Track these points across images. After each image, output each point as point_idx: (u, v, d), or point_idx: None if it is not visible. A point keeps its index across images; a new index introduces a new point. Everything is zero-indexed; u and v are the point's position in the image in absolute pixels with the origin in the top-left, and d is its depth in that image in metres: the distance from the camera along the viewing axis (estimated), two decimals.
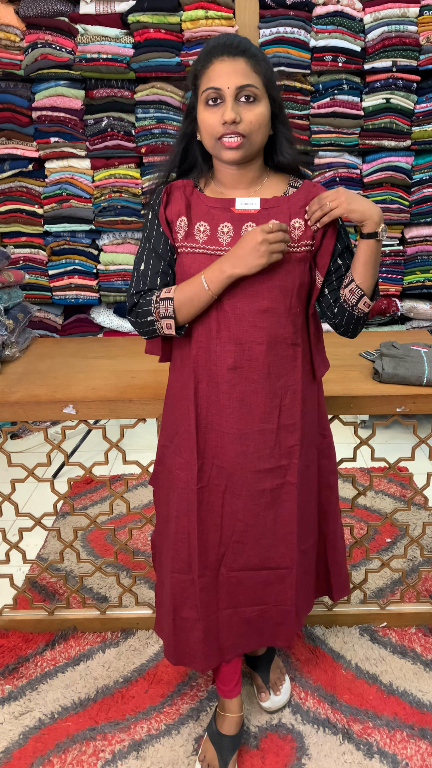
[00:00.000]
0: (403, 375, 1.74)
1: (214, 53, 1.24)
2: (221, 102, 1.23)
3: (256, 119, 1.24)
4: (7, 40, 2.83)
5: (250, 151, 1.27)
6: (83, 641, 1.98)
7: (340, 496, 2.68)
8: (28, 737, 1.69)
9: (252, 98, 1.23)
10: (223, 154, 1.26)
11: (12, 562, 2.00)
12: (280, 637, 1.54)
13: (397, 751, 1.63)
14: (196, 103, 1.29)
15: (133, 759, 1.62)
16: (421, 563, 2.24)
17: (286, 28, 2.80)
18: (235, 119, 1.21)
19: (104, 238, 3.15)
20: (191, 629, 1.48)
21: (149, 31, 2.81)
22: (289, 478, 1.41)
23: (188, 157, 1.36)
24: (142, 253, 1.38)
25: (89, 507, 2.67)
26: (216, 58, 1.23)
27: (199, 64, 1.27)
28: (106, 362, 1.95)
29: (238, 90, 1.22)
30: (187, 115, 1.33)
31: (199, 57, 1.28)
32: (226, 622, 1.49)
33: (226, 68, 1.22)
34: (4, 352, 1.97)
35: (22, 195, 3.09)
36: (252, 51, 1.25)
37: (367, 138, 2.96)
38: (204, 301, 1.29)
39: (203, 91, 1.24)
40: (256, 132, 1.25)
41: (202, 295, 1.28)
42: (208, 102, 1.24)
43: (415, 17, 2.78)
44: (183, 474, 1.42)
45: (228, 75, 1.22)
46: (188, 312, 1.31)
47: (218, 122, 1.23)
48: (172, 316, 1.31)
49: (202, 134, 1.29)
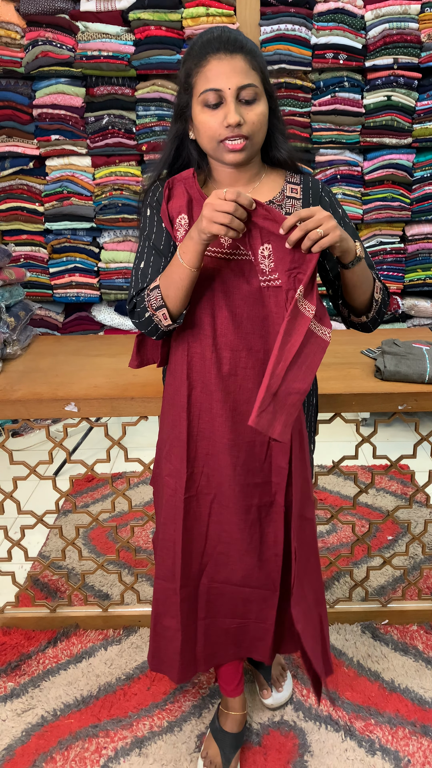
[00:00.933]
0: (404, 372, 1.74)
1: (208, 49, 1.18)
2: (221, 103, 1.18)
3: (258, 119, 1.20)
4: (8, 37, 2.82)
5: (252, 152, 1.24)
6: (85, 639, 1.99)
7: (342, 494, 2.70)
8: (30, 734, 1.69)
9: (252, 97, 1.18)
10: (225, 156, 1.22)
11: (14, 560, 2.01)
12: (258, 652, 1.51)
13: (399, 748, 1.63)
14: (189, 102, 1.23)
15: (136, 756, 1.63)
16: (423, 560, 2.25)
17: (287, 25, 2.79)
18: (239, 122, 1.17)
19: (105, 235, 3.15)
20: (171, 639, 1.46)
21: (150, 29, 2.80)
22: (278, 498, 1.36)
23: (181, 156, 1.32)
24: (141, 252, 1.34)
25: (91, 505, 2.67)
26: (212, 56, 1.17)
27: (193, 62, 1.20)
28: (107, 360, 1.95)
29: (239, 90, 1.17)
30: (179, 115, 1.27)
31: (192, 53, 1.21)
32: (204, 632, 1.47)
33: (224, 67, 1.16)
34: (6, 350, 1.97)
35: (22, 193, 3.08)
36: (249, 46, 1.19)
37: (368, 135, 2.96)
38: (185, 278, 1.19)
39: (201, 93, 1.18)
40: (258, 132, 1.22)
41: (180, 271, 1.19)
42: (206, 103, 1.19)
43: (417, 14, 2.78)
44: (171, 481, 1.39)
45: (227, 75, 1.16)
46: (176, 296, 1.22)
47: (220, 125, 1.18)
48: (164, 304, 1.23)
49: (201, 137, 1.23)
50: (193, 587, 1.44)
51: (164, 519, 1.42)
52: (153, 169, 1.36)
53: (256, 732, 1.68)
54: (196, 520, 1.39)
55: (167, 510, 1.41)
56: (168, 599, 1.45)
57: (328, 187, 1.37)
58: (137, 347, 1.41)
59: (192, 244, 1.16)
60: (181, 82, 1.24)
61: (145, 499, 2.68)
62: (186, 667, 1.48)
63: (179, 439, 1.36)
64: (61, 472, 2.87)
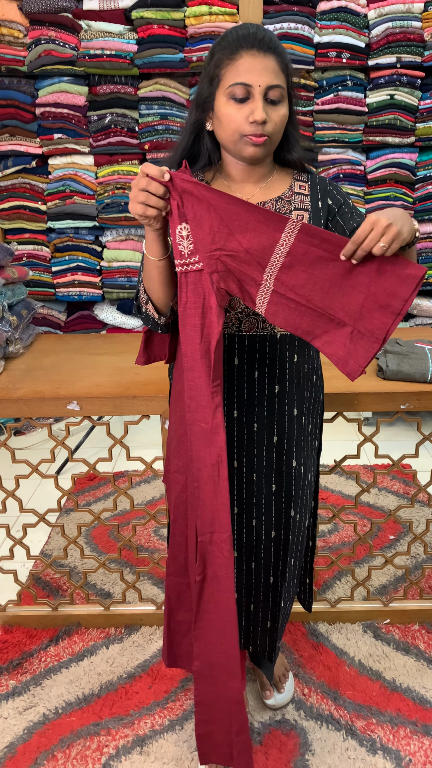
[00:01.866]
0: (407, 372, 1.74)
1: (243, 44, 1.17)
2: (247, 99, 1.18)
3: (281, 120, 1.22)
4: (11, 36, 2.83)
5: (269, 151, 1.26)
6: (87, 637, 1.99)
7: (344, 494, 2.70)
8: (32, 732, 1.69)
9: (278, 98, 1.20)
10: (245, 149, 1.22)
11: (16, 558, 2.01)
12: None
13: (400, 747, 1.63)
14: (214, 93, 1.21)
15: (137, 754, 1.63)
16: (425, 560, 2.24)
17: (290, 24, 2.79)
18: (265, 119, 1.18)
19: (107, 234, 3.15)
20: (185, 632, 1.48)
21: (153, 27, 2.80)
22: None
23: (197, 147, 1.30)
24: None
25: (93, 503, 2.67)
26: (245, 51, 1.17)
27: (224, 53, 1.19)
28: (109, 359, 1.95)
29: (268, 89, 1.18)
30: (199, 105, 1.25)
31: (223, 44, 1.20)
32: None
33: (257, 64, 1.16)
34: (8, 349, 1.97)
35: (25, 191, 3.08)
36: (281, 49, 1.20)
37: (371, 134, 2.95)
38: (153, 270, 1.19)
39: (230, 85, 1.18)
40: (278, 132, 1.23)
41: (148, 264, 1.20)
42: (234, 96, 1.18)
43: (420, 13, 2.77)
44: (181, 477, 1.39)
45: (259, 72, 1.16)
46: (153, 288, 1.22)
47: (244, 120, 1.18)
48: (149, 298, 1.24)
49: (224, 129, 1.22)
50: None
51: (174, 516, 1.43)
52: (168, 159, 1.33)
53: (258, 731, 1.68)
54: None
55: (176, 506, 1.42)
56: (181, 594, 1.46)
57: (335, 183, 1.37)
58: (144, 344, 1.41)
59: (147, 234, 1.15)
60: (209, 71, 1.23)
61: (147, 498, 2.69)
62: None
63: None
64: (63, 470, 2.87)
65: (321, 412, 1.54)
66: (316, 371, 1.46)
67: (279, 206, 1.29)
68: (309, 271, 1.14)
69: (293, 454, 1.41)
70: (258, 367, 1.35)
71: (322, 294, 1.14)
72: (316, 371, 1.46)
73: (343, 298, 1.14)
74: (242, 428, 1.38)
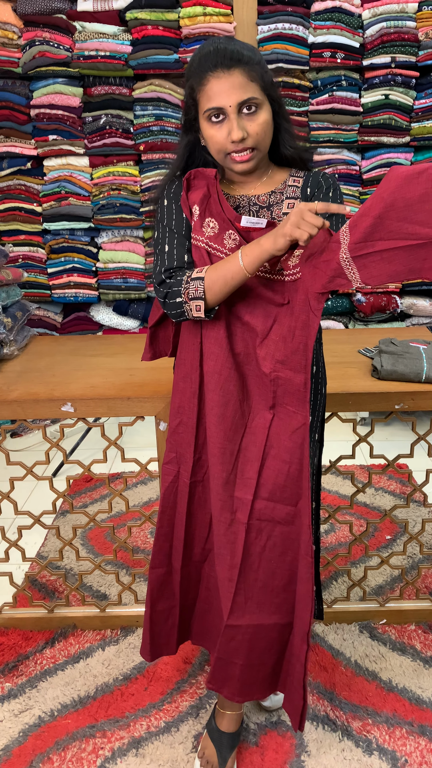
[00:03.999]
0: (402, 372, 1.74)
1: (206, 67, 1.22)
2: (224, 118, 1.24)
3: (262, 129, 1.25)
4: (5, 37, 2.82)
5: (260, 158, 1.30)
6: (83, 639, 1.98)
7: (340, 494, 2.70)
8: (27, 735, 1.69)
9: (254, 108, 1.24)
10: (234, 167, 1.30)
11: (11, 560, 2.01)
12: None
13: (396, 747, 1.63)
14: (197, 116, 1.29)
15: (133, 756, 1.62)
16: (421, 560, 2.24)
17: (285, 24, 2.79)
18: (243, 137, 1.23)
19: (103, 235, 3.15)
20: (167, 617, 1.52)
21: (147, 28, 2.80)
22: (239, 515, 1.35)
23: (194, 161, 1.36)
24: (162, 237, 1.33)
25: (88, 505, 2.67)
26: (210, 74, 1.22)
27: (194, 80, 1.25)
28: (104, 360, 1.95)
29: (240, 105, 1.23)
30: (188, 128, 1.33)
31: (192, 69, 1.26)
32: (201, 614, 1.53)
33: (223, 85, 1.21)
34: (3, 351, 1.96)
35: (20, 193, 3.08)
36: (245, 57, 1.22)
37: (366, 134, 2.96)
38: (237, 280, 1.23)
39: (205, 111, 1.25)
40: (263, 140, 1.27)
41: (236, 271, 1.22)
42: (211, 119, 1.25)
43: (414, 13, 2.77)
44: (172, 467, 1.42)
45: (227, 92, 1.21)
46: (219, 291, 1.24)
47: (225, 139, 1.25)
48: (202, 296, 1.24)
49: (210, 149, 1.30)
50: (194, 570, 1.47)
51: (163, 506, 1.44)
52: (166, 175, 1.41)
53: (253, 732, 1.68)
54: (201, 506, 1.42)
55: (166, 496, 1.44)
56: (163, 584, 1.49)
57: (331, 176, 1.38)
58: (150, 339, 1.45)
59: (259, 251, 1.19)
60: (187, 98, 1.30)
61: (143, 500, 2.68)
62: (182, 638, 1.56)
63: (187, 425, 1.38)
64: (59, 472, 2.87)
65: (323, 406, 1.52)
66: (318, 362, 1.45)
67: (273, 199, 1.34)
68: (371, 215, 1.10)
69: None
70: None
71: (398, 221, 1.09)
72: (318, 362, 1.45)
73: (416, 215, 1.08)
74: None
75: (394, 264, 1.13)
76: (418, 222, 1.08)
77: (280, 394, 1.31)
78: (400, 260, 1.12)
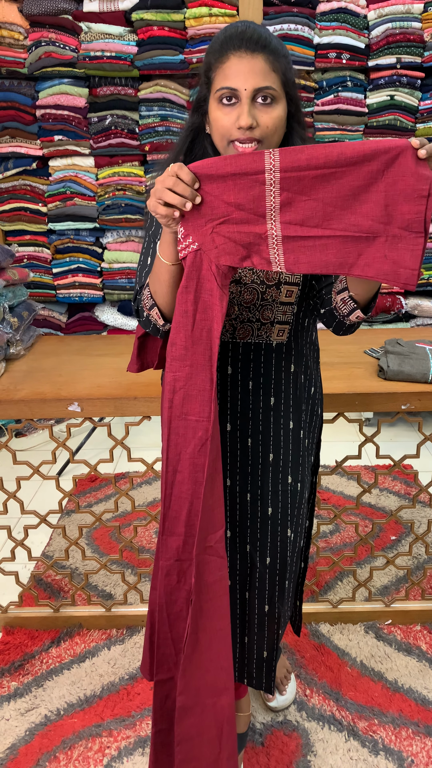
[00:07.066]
0: (408, 372, 1.74)
1: (230, 45, 1.12)
2: (236, 102, 1.13)
3: (273, 123, 1.14)
4: (11, 38, 2.83)
5: None
6: (89, 638, 1.99)
7: (346, 494, 2.70)
8: (34, 734, 1.69)
9: (269, 99, 1.13)
10: None
11: (17, 560, 2.01)
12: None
13: (402, 748, 1.63)
14: (207, 96, 1.18)
15: (139, 755, 1.63)
16: (426, 561, 2.24)
17: (290, 25, 2.79)
18: (251, 125, 1.11)
19: (108, 236, 3.16)
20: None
21: (153, 29, 2.80)
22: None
23: (194, 150, 1.27)
24: (147, 249, 1.30)
25: (94, 504, 2.67)
26: (233, 53, 1.11)
27: (214, 56, 1.14)
28: (110, 360, 1.95)
29: (256, 92, 1.11)
30: (197, 108, 1.22)
31: (213, 46, 1.15)
32: None
33: (243, 66, 1.11)
34: (9, 350, 1.97)
35: (26, 193, 3.09)
36: (272, 45, 1.13)
37: (372, 135, 2.96)
38: (165, 274, 1.13)
39: (218, 89, 1.13)
40: (271, 135, 1.15)
41: (160, 267, 1.14)
42: (221, 100, 1.13)
43: (420, 14, 2.77)
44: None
45: (245, 75, 1.10)
46: (162, 293, 1.16)
47: (232, 124, 1.13)
48: (154, 303, 1.18)
49: (213, 133, 1.18)
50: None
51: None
52: (164, 162, 1.29)
53: (260, 732, 1.68)
54: None
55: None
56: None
57: None
58: (137, 350, 1.37)
59: (164, 236, 1.11)
60: (202, 75, 1.20)
61: (148, 499, 2.68)
62: None
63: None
64: (65, 472, 2.87)
65: (319, 427, 1.46)
66: (315, 383, 1.40)
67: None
68: (312, 196, 1.01)
69: (289, 470, 1.34)
70: (252, 377, 1.29)
71: (339, 212, 1.01)
72: (315, 383, 1.40)
73: (362, 206, 1.00)
74: (235, 443, 1.32)
75: (327, 254, 1.03)
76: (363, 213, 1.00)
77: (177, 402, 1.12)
78: (334, 251, 1.03)
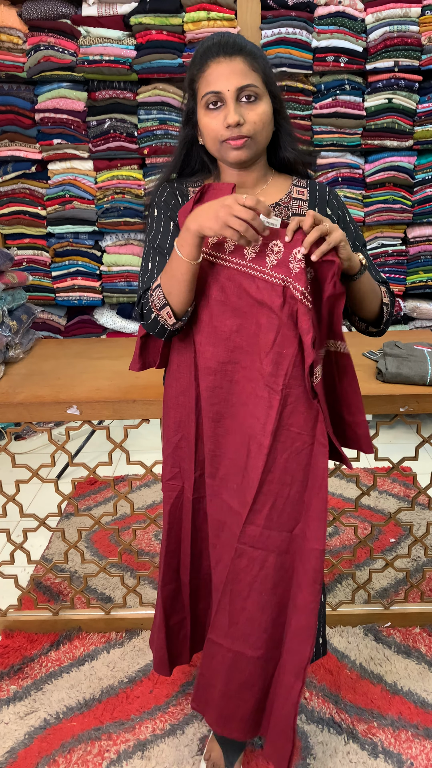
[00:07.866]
0: (406, 374, 1.75)
1: (209, 55, 1.20)
2: (222, 105, 1.19)
3: (260, 118, 1.20)
4: (10, 42, 2.84)
5: (255, 151, 1.24)
6: (88, 641, 1.99)
7: (345, 497, 2.70)
8: (33, 737, 1.69)
9: (253, 97, 1.19)
10: (228, 155, 1.22)
11: (16, 563, 2.01)
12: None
13: (401, 750, 1.63)
14: (195, 107, 1.25)
15: (138, 759, 1.62)
16: (425, 563, 2.24)
17: (288, 28, 2.80)
18: (239, 122, 1.17)
19: (107, 239, 3.16)
20: (179, 629, 1.49)
21: (151, 33, 2.81)
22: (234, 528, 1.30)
23: (191, 161, 1.33)
24: (147, 253, 1.32)
25: (93, 508, 2.67)
26: (212, 60, 1.19)
27: (195, 68, 1.22)
28: (109, 363, 1.96)
29: (239, 91, 1.18)
30: (186, 121, 1.29)
31: (194, 60, 1.23)
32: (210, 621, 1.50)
33: (223, 69, 1.18)
34: (8, 354, 1.97)
35: (25, 197, 3.10)
36: (248, 48, 1.20)
37: (370, 138, 2.96)
38: (185, 273, 1.16)
39: (203, 96, 1.20)
40: (260, 131, 1.21)
41: (178, 264, 1.16)
42: (208, 106, 1.20)
43: (417, 17, 2.78)
44: (177, 483, 1.38)
45: (227, 77, 1.17)
46: (178, 292, 1.18)
47: (221, 126, 1.19)
48: (167, 302, 1.20)
49: (206, 139, 1.24)
50: (203, 582, 1.45)
51: (169, 524, 1.42)
52: (161, 173, 1.37)
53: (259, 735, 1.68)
54: (205, 520, 1.39)
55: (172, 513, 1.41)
56: (175, 599, 1.46)
57: (335, 191, 1.36)
58: (139, 350, 1.39)
59: (190, 237, 1.14)
60: (186, 88, 1.26)
61: (147, 502, 2.69)
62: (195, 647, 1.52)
63: (187, 439, 1.35)
64: (64, 475, 2.87)
65: None
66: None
67: (277, 212, 1.29)
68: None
69: None
70: None
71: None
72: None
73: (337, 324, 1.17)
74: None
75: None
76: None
77: (286, 414, 1.20)
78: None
